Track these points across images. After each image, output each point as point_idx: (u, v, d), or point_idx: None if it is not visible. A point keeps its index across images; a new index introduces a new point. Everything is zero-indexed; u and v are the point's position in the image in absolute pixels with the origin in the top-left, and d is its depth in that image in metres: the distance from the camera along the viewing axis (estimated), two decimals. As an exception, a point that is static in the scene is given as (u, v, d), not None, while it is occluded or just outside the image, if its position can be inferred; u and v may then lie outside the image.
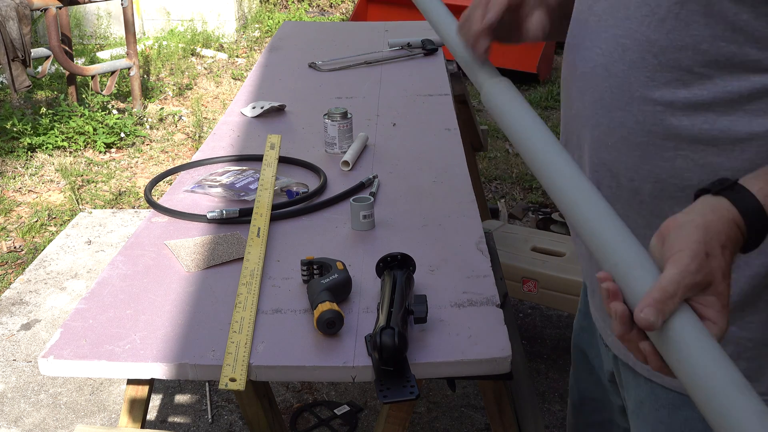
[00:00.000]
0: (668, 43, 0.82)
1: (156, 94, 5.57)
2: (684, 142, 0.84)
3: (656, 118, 0.85)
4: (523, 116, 0.87)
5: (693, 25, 0.80)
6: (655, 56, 0.83)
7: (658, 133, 0.85)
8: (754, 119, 0.80)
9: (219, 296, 1.34)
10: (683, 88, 0.82)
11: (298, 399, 2.48)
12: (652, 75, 0.84)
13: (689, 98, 0.82)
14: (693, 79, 0.81)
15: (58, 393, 2.53)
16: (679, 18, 0.80)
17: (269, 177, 1.76)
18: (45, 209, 3.85)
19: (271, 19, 7.81)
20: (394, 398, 1.08)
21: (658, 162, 0.86)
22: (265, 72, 2.70)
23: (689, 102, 0.82)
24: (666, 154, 0.85)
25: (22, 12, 4.10)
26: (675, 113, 0.83)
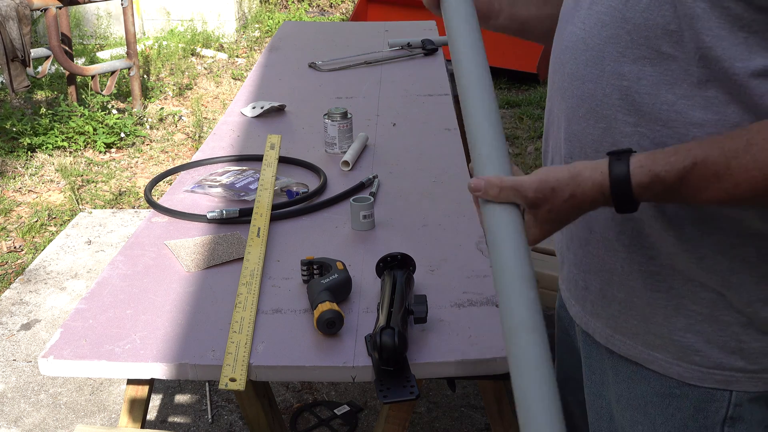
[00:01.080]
0: (641, 21, 0.86)
1: (156, 94, 5.57)
2: (644, 120, 0.88)
3: (622, 92, 0.89)
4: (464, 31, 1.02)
5: (665, 6, 0.84)
6: (628, 33, 0.88)
7: (622, 107, 0.89)
8: (709, 106, 0.84)
9: (219, 296, 1.34)
10: (650, 66, 0.87)
11: (298, 399, 2.48)
12: (624, 51, 0.88)
13: (654, 77, 0.87)
14: (660, 59, 0.86)
15: (58, 393, 2.53)
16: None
17: (269, 177, 1.76)
18: (45, 209, 3.85)
19: (271, 19, 7.81)
20: (394, 398, 1.09)
21: (619, 137, 0.91)
22: (265, 72, 2.70)
23: (654, 81, 0.87)
24: (626, 129, 0.90)
25: (22, 12, 4.10)
26: (639, 90, 0.88)
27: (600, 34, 0.91)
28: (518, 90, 5.72)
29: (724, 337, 0.92)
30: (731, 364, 0.92)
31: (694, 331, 0.93)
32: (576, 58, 0.95)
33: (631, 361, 1.00)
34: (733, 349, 0.92)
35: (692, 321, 0.93)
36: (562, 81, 0.99)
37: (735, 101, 0.83)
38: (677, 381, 0.95)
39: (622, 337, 1.00)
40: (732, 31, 0.81)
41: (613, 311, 1.00)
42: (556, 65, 1.01)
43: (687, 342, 0.94)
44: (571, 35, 0.97)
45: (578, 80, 0.95)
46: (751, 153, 0.79)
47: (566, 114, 0.98)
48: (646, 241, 0.93)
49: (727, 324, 0.92)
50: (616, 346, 1.01)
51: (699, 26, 0.82)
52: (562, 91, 0.99)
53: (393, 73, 2.62)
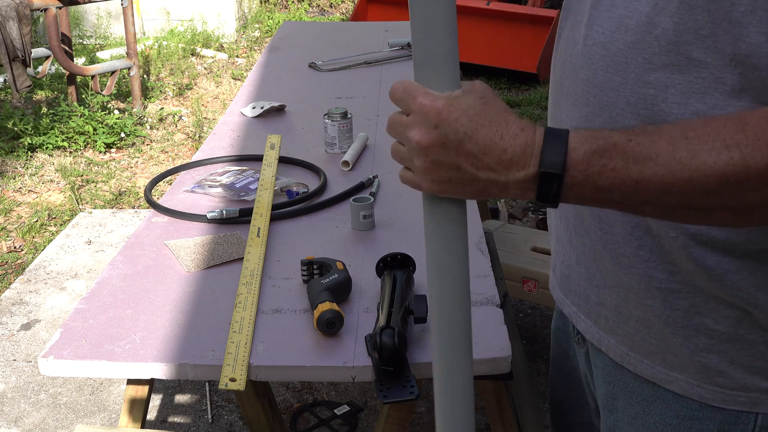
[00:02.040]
0: (671, 25, 0.80)
1: (156, 94, 5.57)
2: None
3: (647, 101, 0.83)
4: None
5: (697, 10, 0.78)
6: (656, 38, 0.82)
7: (646, 117, 0.84)
8: None
9: (219, 296, 1.34)
10: (678, 73, 0.80)
11: (298, 399, 2.48)
12: (651, 57, 0.82)
13: (683, 85, 0.81)
14: (690, 66, 0.79)
15: (58, 393, 2.53)
16: (684, 1, 0.79)
17: (269, 177, 1.76)
18: (45, 209, 3.85)
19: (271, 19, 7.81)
20: (394, 398, 1.09)
21: None
22: (265, 72, 2.70)
23: (683, 89, 0.81)
24: None
25: (22, 12, 4.10)
26: (667, 99, 0.82)
27: (623, 38, 0.85)
28: (518, 90, 5.72)
29: (749, 357, 0.87)
30: (756, 385, 0.88)
31: (717, 351, 0.88)
32: (593, 63, 0.89)
33: (648, 382, 0.95)
34: (758, 370, 0.87)
35: (714, 341, 0.88)
36: (574, 87, 0.93)
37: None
38: (699, 403, 0.91)
39: (639, 356, 0.95)
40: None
41: (629, 329, 0.95)
42: (567, 70, 0.95)
43: (709, 362, 0.89)
44: (586, 38, 0.91)
45: (596, 87, 0.89)
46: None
47: (579, 123, 0.92)
48: (666, 256, 0.87)
49: (751, 343, 0.87)
50: (632, 365, 0.96)
51: (737, 31, 0.76)
52: (574, 98, 0.93)
53: (393, 73, 2.62)
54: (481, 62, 5.77)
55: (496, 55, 5.69)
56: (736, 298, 0.85)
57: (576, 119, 0.93)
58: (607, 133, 0.73)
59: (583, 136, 0.73)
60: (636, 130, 0.73)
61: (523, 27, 5.48)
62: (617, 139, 0.72)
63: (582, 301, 1.04)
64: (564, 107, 0.96)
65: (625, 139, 0.72)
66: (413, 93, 0.75)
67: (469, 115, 0.74)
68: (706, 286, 0.86)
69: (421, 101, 0.74)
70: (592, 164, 0.72)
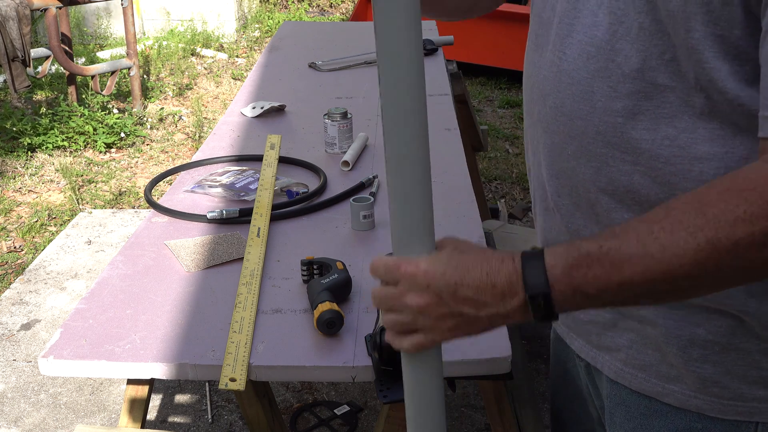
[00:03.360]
0: (633, 53, 0.79)
1: (156, 94, 5.57)
2: (642, 157, 0.82)
3: (617, 130, 0.82)
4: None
5: (657, 35, 0.77)
6: (618, 66, 0.81)
7: (617, 145, 0.83)
8: (714, 139, 0.78)
9: (219, 296, 1.34)
10: (645, 100, 0.80)
11: (298, 399, 2.48)
12: (615, 85, 0.81)
13: (651, 110, 0.80)
14: (656, 92, 0.79)
15: (58, 393, 2.53)
16: (644, 27, 0.78)
17: (269, 177, 1.76)
18: (45, 209, 3.85)
19: (271, 19, 7.82)
20: (394, 398, 1.08)
21: (616, 175, 0.84)
22: (265, 72, 2.70)
23: (651, 115, 0.80)
24: (624, 168, 0.83)
25: (22, 12, 4.10)
26: (636, 126, 0.81)
27: (586, 67, 0.84)
28: (518, 90, 5.72)
29: (744, 367, 0.86)
30: (754, 395, 0.87)
31: (712, 361, 0.87)
32: (560, 91, 0.87)
33: (644, 396, 0.94)
34: (755, 379, 0.86)
35: (709, 351, 0.87)
36: (544, 114, 0.92)
37: (742, 132, 0.77)
38: (697, 414, 0.90)
39: (633, 370, 0.94)
40: (735, 57, 0.74)
41: (623, 343, 0.95)
42: (535, 96, 0.94)
43: (705, 373, 0.88)
44: (550, 64, 0.89)
45: (564, 116, 0.87)
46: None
47: (551, 150, 0.92)
48: None
49: (746, 352, 0.86)
50: (627, 380, 0.96)
51: (696, 56, 0.75)
52: (544, 125, 0.93)
53: (393, 73, 2.62)
54: (481, 62, 5.77)
55: (496, 55, 5.69)
56: (728, 306, 0.85)
57: (548, 146, 0.93)
58: (578, 245, 0.74)
59: (557, 253, 0.74)
60: (605, 235, 0.74)
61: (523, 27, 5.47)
62: (589, 248, 0.73)
63: (571, 321, 1.04)
64: (536, 133, 0.96)
65: (596, 247, 0.73)
66: (396, 265, 0.78)
67: (453, 266, 0.77)
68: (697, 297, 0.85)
69: (405, 269, 0.78)
70: (574, 276, 0.73)
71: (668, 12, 0.76)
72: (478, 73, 5.98)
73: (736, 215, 0.68)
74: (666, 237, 0.70)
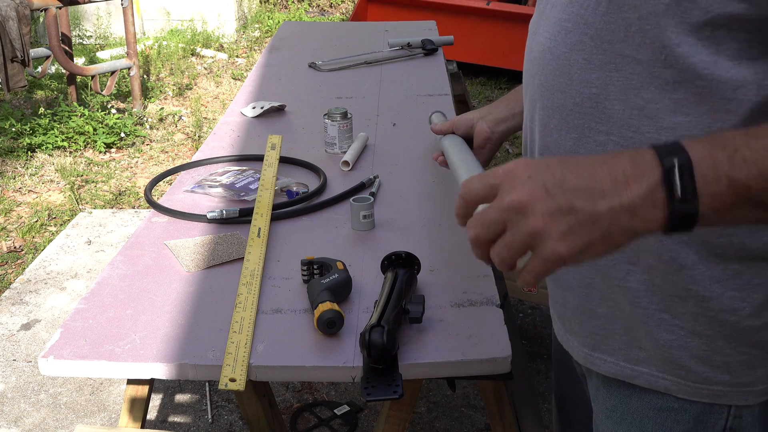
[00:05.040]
0: (603, 25, 0.83)
1: (156, 94, 5.57)
2: (615, 126, 0.85)
3: (592, 100, 0.86)
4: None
5: (624, 8, 0.81)
6: (591, 39, 0.85)
7: (593, 115, 0.87)
8: (679, 109, 0.80)
9: (219, 296, 1.34)
10: (615, 71, 0.84)
11: (298, 399, 2.48)
12: (589, 57, 0.85)
13: (621, 82, 0.83)
14: (625, 63, 0.82)
15: (58, 393, 2.53)
16: (612, 1, 0.82)
17: (270, 177, 1.76)
18: (45, 209, 3.85)
19: (271, 19, 7.81)
20: (378, 396, 1.08)
21: (592, 146, 0.87)
22: (265, 72, 2.70)
23: (621, 86, 0.83)
24: (599, 138, 0.87)
25: (22, 12, 4.10)
26: (609, 96, 0.85)
27: (564, 41, 0.88)
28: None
29: (709, 352, 0.89)
30: (718, 378, 0.89)
31: (678, 346, 0.90)
32: (543, 68, 0.93)
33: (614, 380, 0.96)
34: (718, 364, 0.89)
35: (675, 336, 0.90)
36: (533, 92, 0.97)
37: (705, 101, 0.79)
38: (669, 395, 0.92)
39: (602, 355, 0.96)
40: (698, 27, 0.77)
41: (592, 328, 0.96)
42: (527, 76, 1.00)
43: (671, 357, 0.90)
44: (538, 45, 0.95)
45: (547, 91, 0.92)
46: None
47: (539, 127, 0.96)
48: (623, 255, 0.88)
49: (710, 338, 0.88)
50: (596, 365, 0.98)
51: (663, 24, 0.78)
52: (533, 103, 0.97)
53: (393, 73, 2.62)
54: (481, 62, 5.77)
55: (496, 55, 5.69)
56: (692, 291, 0.87)
57: (537, 123, 0.97)
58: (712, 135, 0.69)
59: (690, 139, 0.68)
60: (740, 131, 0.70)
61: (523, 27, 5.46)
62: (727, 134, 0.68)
63: (553, 302, 1.06)
64: (529, 112, 1.01)
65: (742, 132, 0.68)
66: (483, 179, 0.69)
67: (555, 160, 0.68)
68: (662, 282, 0.87)
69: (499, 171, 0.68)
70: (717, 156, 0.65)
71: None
72: (478, 73, 5.98)
73: None
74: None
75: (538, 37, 0.95)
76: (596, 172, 0.66)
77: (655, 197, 0.65)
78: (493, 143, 1.42)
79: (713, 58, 0.77)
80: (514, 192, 0.66)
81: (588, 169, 0.66)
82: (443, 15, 5.57)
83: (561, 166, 0.67)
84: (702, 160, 0.65)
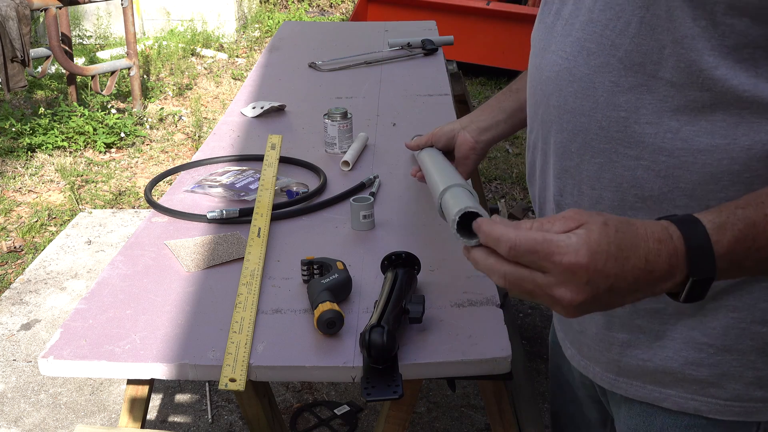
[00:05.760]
0: (633, 47, 0.80)
1: (156, 94, 5.57)
2: (646, 151, 0.82)
3: (620, 124, 0.83)
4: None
5: (657, 30, 0.78)
6: (619, 61, 0.82)
7: (621, 140, 0.84)
8: (716, 131, 0.78)
9: (219, 296, 1.34)
10: (648, 93, 0.81)
11: (298, 399, 2.48)
12: (617, 80, 0.82)
13: (654, 104, 0.81)
14: (658, 85, 0.80)
15: (58, 393, 2.53)
16: (644, 22, 0.79)
17: (270, 177, 1.76)
18: (45, 209, 3.85)
19: (271, 19, 7.81)
20: (377, 396, 1.08)
21: (620, 170, 0.85)
22: (265, 72, 2.70)
23: (654, 108, 0.81)
24: (628, 163, 0.84)
25: (22, 12, 4.10)
26: (639, 120, 0.82)
27: (587, 63, 0.85)
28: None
29: (740, 368, 0.87)
30: (751, 395, 0.87)
31: (707, 364, 0.87)
32: (561, 89, 0.89)
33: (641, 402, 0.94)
34: (751, 380, 0.87)
35: (704, 354, 0.87)
36: (547, 114, 0.93)
37: (744, 123, 0.77)
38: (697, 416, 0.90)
39: (628, 379, 0.94)
40: (736, 49, 0.75)
41: (613, 355, 0.95)
42: (538, 97, 0.95)
43: (700, 375, 0.88)
44: (552, 64, 0.90)
45: (567, 113, 0.88)
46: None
47: (555, 149, 0.93)
48: None
49: (741, 353, 0.86)
50: (623, 389, 0.95)
51: (700, 47, 0.76)
52: (548, 125, 0.93)
53: (393, 73, 2.62)
54: (481, 62, 5.77)
55: (496, 55, 5.69)
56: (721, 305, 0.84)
57: (552, 146, 0.93)
58: (739, 213, 0.72)
59: (719, 225, 0.72)
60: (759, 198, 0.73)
61: (523, 27, 5.48)
62: (754, 217, 0.72)
63: (566, 328, 1.04)
64: (540, 134, 0.96)
65: (762, 216, 0.71)
66: (548, 252, 0.70)
67: (613, 255, 0.70)
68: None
69: (562, 260, 0.70)
70: (737, 252, 0.71)
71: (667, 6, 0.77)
72: (478, 73, 5.98)
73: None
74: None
75: (551, 55, 0.91)
76: (639, 274, 0.70)
77: (674, 291, 0.73)
78: (478, 153, 1.38)
79: (753, 80, 0.75)
80: (568, 292, 0.70)
81: (635, 268, 0.70)
82: (443, 15, 5.58)
83: (614, 265, 0.70)
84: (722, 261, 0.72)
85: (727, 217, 0.72)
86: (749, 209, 0.72)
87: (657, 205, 0.84)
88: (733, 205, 0.73)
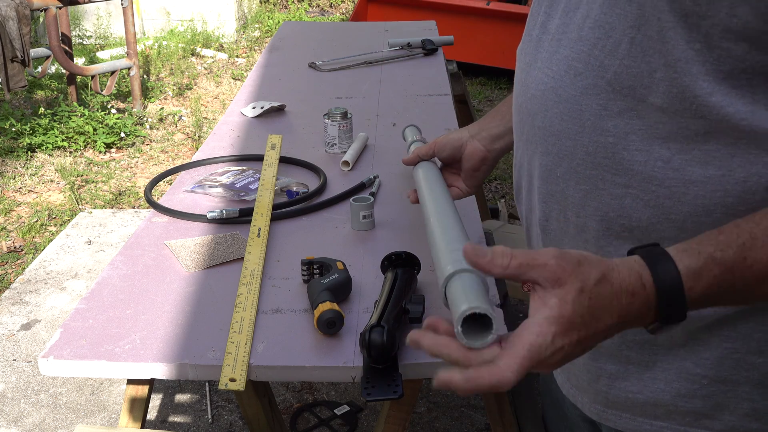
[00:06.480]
0: (622, 69, 0.75)
1: (156, 94, 5.57)
2: (635, 179, 0.77)
3: (607, 150, 0.78)
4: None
5: (649, 52, 0.73)
6: (608, 83, 0.76)
7: (608, 166, 0.79)
8: (710, 161, 0.74)
9: (219, 296, 1.34)
10: (637, 119, 0.76)
11: (298, 399, 2.49)
12: (605, 103, 0.77)
13: (644, 131, 0.76)
14: (648, 111, 0.75)
15: (58, 393, 2.53)
16: (635, 42, 0.74)
17: (270, 177, 1.76)
18: (45, 209, 3.85)
19: (271, 19, 7.82)
20: (378, 396, 1.08)
21: (606, 199, 0.80)
22: (265, 72, 2.70)
23: (644, 135, 0.76)
24: (615, 191, 0.79)
25: (22, 12, 4.10)
26: (628, 146, 0.77)
27: (574, 84, 0.79)
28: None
29: (735, 400, 0.83)
30: (746, 427, 0.83)
31: (700, 396, 0.83)
32: (547, 110, 0.83)
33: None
34: (746, 411, 0.83)
35: (697, 385, 0.83)
36: (532, 134, 0.87)
37: (740, 153, 0.73)
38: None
39: (617, 411, 0.90)
40: (732, 74, 0.70)
41: (601, 386, 0.91)
42: (523, 115, 0.89)
43: (694, 407, 0.84)
44: (538, 82, 0.85)
45: (552, 136, 0.83)
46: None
47: (540, 172, 0.87)
48: None
49: (735, 384, 0.82)
50: (611, 421, 0.91)
51: (694, 72, 0.71)
52: (533, 146, 0.88)
53: (393, 73, 2.62)
54: (481, 62, 5.77)
55: (496, 55, 5.69)
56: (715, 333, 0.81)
57: (537, 168, 0.89)
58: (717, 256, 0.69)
59: (694, 271, 0.68)
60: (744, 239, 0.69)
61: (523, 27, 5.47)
62: (732, 260, 0.69)
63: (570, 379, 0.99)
64: (525, 154, 0.92)
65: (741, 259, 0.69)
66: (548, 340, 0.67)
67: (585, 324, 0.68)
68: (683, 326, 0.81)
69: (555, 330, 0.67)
70: (710, 296, 0.69)
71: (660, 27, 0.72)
72: (478, 73, 5.98)
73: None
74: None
75: (536, 72, 0.86)
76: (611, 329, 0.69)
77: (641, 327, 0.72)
78: (489, 163, 1.25)
79: (750, 108, 0.71)
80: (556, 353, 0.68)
81: (606, 327, 0.69)
82: (443, 15, 5.58)
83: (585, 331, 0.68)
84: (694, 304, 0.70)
85: (705, 262, 0.68)
86: (729, 251, 0.68)
87: (644, 235, 0.80)
88: (712, 246, 0.69)
